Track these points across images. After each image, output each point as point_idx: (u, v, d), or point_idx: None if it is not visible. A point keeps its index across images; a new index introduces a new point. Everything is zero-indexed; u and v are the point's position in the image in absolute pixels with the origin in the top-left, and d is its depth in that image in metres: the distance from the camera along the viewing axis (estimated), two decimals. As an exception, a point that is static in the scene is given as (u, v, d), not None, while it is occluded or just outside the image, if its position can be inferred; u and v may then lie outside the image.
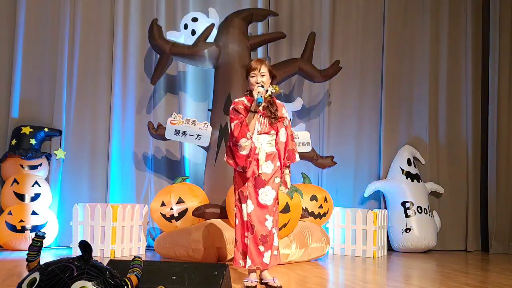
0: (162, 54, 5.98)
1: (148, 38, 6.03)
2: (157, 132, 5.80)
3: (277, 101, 4.02)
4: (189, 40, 6.09)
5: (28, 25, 6.29)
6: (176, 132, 5.67)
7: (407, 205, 6.58)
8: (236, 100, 3.99)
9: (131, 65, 6.51)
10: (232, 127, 3.87)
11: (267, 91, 3.92)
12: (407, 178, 6.73)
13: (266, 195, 3.87)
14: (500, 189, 6.91)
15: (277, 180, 3.94)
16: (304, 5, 6.94)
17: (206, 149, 5.87)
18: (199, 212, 5.43)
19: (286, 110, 4.06)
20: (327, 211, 5.91)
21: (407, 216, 6.53)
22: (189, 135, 5.70)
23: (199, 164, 6.44)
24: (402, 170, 6.78)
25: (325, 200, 5.89)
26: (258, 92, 3.82)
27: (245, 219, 3.89)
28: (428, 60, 7.17)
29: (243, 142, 3.80)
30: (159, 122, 5.96)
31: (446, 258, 6.15)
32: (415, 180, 6.76)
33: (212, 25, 6.10)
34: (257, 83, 3.87)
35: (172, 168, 6.51)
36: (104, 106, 6.43)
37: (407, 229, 6.48)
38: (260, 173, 3.88)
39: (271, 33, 6.65)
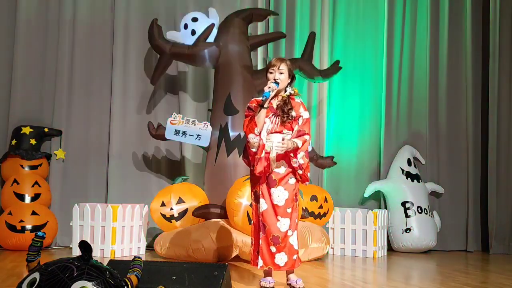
0: (162, 54, 5.98)
1: (148, 38, 6.02)
2: (157, 132, 5.80)
3: (297, 100, 3.90)
4: (189, 40, 6.08)
5: (28, 25, 6.29)
6: (176, 132, 5.67)
7: (407, 205, 6.58)
8: (253, 99, 3.95)
9: (131, 65, 6.50)
10: (244, 123, 3.86)
11: (285, 90, 3.86)
12: (407, 178, 6.73)
13: (278, 195, 3.80)
14: (500, 190, 6.91)
15: (292, 181, 3.84)
16: (304, 5, 6.94)
17: (206, 149, 5.86)
18: (199, 212, 5.43)
19: (304, 109, 3.90)
20: (327, 211, 5.91)
21: (407, 216, 6.53)
22: (189, 135, 5.70)
23: (199, 164, 6.44)
24: (402, 170, 6.77)
25: (325, 200, 5.89)
26: (269, 87, 3.76)
27: (259, 218, 3.84)
28: (428, 60, 7.17)
29: (251, 138, 3.76)
30: (159, 122, 5.96)
31: (446, 258, 6.15)
32: (415, 180, 6.76)
33: (212, 25, 6.09)
34: (275, 79, 3.82)
35: (172, 168, 6.50)
36: (104, 106, 6.43)
37: (407, 229, 6.48)
38: (272, 172, 3.80)
39: (271, 33, 6.65)
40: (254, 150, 3.78)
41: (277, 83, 3.80)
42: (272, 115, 3.83)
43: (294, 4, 6.90)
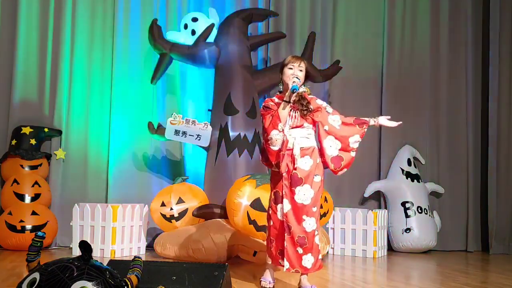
0: (162, 54, 5.98)
1: (148, 38, 6.03)
2: (157, 132, 5.80)
3: (309, 96, 3.83)
4: (189, 40, 6.09)
5: (29, 24, 6.29)
6: (176, 132, 5.67)
7: (407, 205, 6.58)
8: (267, 98, 3.88)
9: (131, 65, 6.51)
10: (264, 122, 3.72)
11: (300, 87, 3.78)
12: (407, 178, 6.73)
13: (304, 194, 3.64)
14: (500, 189, 6.90)
15: (317, 178, 3.70)
16: (304, 5, 6.94)
17: (206, 149, 5.87)
18: (199, 212, 5.43)
19: (321, 101, 3.87)
20: (327, 211, 5.90)
21: (407, 216, 6.53)
22: (189, 135, 5.70)
23: (199, 164, 6.44)
24: (402, 170, 6.77)
25: (325, 200, 5.88)
26: (294, 82, 3.68)
27: (281, 219, 3.70)
28: (428, 60, 7.17)
29: (274, 134, 3.62)
30: (159, 122, 5.97)
31: (446, 258, 6.15)
32: (415, 180, 6.76)
33: (212, 25, 6.10)
34: (293, 75, 3.73)
35: (172, 168, 6.50)
36: (105, 106, 6.44)
37: (407, 229, 6.47)
38: (296, 169, 3.66)
39: (271, 33, 6.65)
40: (276, 148, 3.66)
41: (298, 79, 3.75)
42: (291, 110, 3.73)
43: (294, 4, 6.90)
